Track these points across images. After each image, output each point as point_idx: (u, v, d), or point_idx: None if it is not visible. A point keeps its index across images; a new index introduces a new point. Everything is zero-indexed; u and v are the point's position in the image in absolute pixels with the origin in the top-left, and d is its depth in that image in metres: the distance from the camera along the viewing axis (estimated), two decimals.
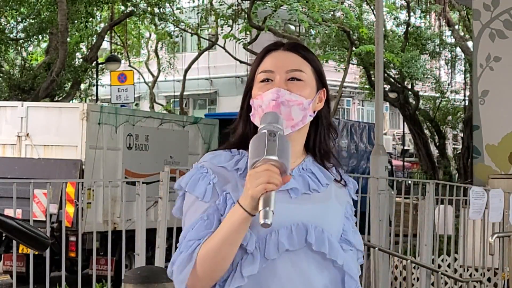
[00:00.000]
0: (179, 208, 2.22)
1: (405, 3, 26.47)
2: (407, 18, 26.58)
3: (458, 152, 30.09)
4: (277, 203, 2.04)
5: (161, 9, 22.52)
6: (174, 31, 27.24)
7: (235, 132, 2.29)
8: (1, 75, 19.59)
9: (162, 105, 32.53)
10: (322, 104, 2.29)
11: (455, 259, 9.19)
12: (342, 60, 26.72)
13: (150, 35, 31.16)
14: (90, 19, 20.45)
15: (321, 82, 2.32)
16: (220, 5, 22.97)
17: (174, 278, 2.11)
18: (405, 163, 34.23)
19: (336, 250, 2.18)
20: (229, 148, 2.25)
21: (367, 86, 28.38)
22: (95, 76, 21.86)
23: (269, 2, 22.10)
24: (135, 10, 21.35)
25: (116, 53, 26.38)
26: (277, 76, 2.21)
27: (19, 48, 21.41)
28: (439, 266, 8.83)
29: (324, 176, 2.26)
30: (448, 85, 31.48)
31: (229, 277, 2.11)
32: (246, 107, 2.26)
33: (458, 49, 28.94)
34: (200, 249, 2.07)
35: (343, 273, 2.19)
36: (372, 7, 23.74)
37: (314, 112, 2.25)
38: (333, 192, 2.27)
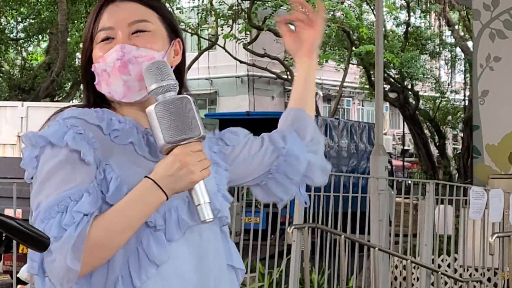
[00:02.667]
0: (32, 160, 1.74)
1: (405, 3, 26.47)
2: (407, 18, 26.58)
3: (458, 152, 30.08)
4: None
5: None
6: None
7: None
8: (1, 75, 19.59)
9: None
10: (179, 58, 1.94)
11: (455, 259, 9.19)
12: (342, 60, 26.72)
13: None
14: None
15: (173, 32, 1.92)
16: (220, 5, 22.98)
17: (56, 265, 1.67)
18: (405, 163, 34.22)
19: (224, 205, 1.90)
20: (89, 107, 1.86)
21: (367, 86, 28.38)
22: None
23: (269, 2, 22.11)
24: None
25: None
26: (119, 31, 1.84)
27: (19, 48, 21.43)
28: (439, 266, 8.83)
29: None
30: (448, 85, 31.48)
31: (136, 267, 1.74)
32: (88, 76, 1.87)
33: (458, 49, 28.95)
34: (92, 228, 1.68)
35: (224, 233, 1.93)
36: (372, 7, 23.74)
37: (171, 67, 1.85)
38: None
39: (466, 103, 26.33)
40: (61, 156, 1.73)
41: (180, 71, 1.94)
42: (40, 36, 21.00)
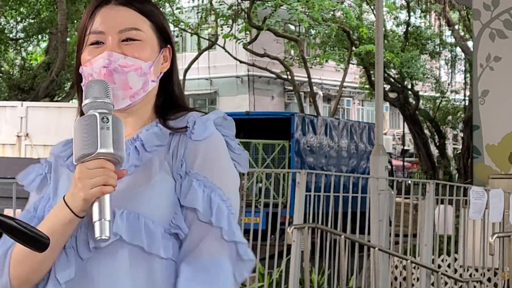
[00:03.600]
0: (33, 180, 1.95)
1: (405, 3, 26.47)
2: (407, 18, 26.59)
3: (458, 152, 30.08)
4: None
5: (161, 9, 22.49)
6: (174, 31, 27.20)
7: None
8: (1, 75, 19.59)
9: None
10: (168, 64, 1.90)
11: (455, 259, 9.18)
12: (342, 60, 26.73)
13: None
14: None
15: (164, 39, 1.90)
16: (220, 5, 22.98)
17: None
18: (405, 163, 34.22)
19: (158, 240, 1.73)
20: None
21: (367, 86, 28.38)
22: None
23: (269, 2, 22.10)
24: None
25: None
26: (109, 37, 1.83)
27: (19, 48, 21.41)
28: (439, 266, 8.82)
29: (155, 138, 1.81)
30: (448, 85, 31.49)
31: (44, 283, 1.78)
32: (80, 76, 1.87)
33: (458, 49, 28.95)
34: (14, 247, 1.75)
35: (174, 265, 1.75)
36: (372, 7, 23.74)
37: (160, 73, 1.88)
38: (170, 153, 1.80)
39: (466, 103, 26.33)
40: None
41: (169, 77, 1.92)
42: (39, 36, 20.99)
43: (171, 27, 26.46)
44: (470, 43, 23.46)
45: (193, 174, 1.78)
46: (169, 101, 1.91)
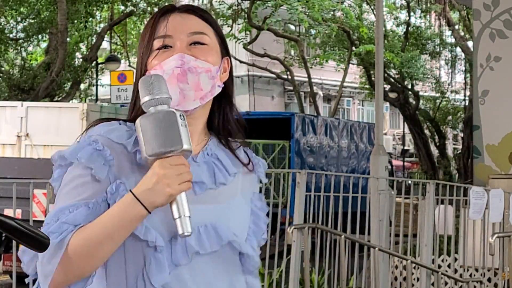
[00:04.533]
0: (58, 178, 1.83)
1: (405, 3, 26.48)
2: (407, 18, 26.59)
3: (458, 152, 30.09)
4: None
5: None
6: None
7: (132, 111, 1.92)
8: (1, 75, 19.59)
9: None
10: (227, 75, 1.95)
11: (455, 259, 9.18)
12: (342, 60, 26.73)
13: None
14: (90, 19, 20.46)
15: (224, 48, 1.96)
16: (220, 5, 22.98)
17: (39, 269, 1.74)
18: (405, 163, 34.23)
19: (245, 242, 1.90)
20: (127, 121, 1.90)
21: (367, 86, 28.39)
22: (95, 76, 21.87)
23: (269, 2, 22.10)
24: (135, 10, 21.35)
25: (116, 53, 26.38)
26: (177, 41, 1.86)
27: (19, 48, 21.41)
28: (439, 266, 8.82)
29: (231, 163, 1.92)
30: (448, 85, 31.50)
31: (134, 283, 1.78)
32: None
33: (458, 49, 28.96)
34: (73, 237, 1.72)
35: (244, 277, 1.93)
36: (372, 7, 23.74)
37: (222, 83, 1.93)
38: (240, 183, 1.94)
39: (466, 103, 26.34)
40: (76, 172, 1.79)
41: (228, 87, 1.96)
42: (39, 36, 20.99)
43: None
44: (470, 43, 23.47)
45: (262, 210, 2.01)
46: (226, 116, 1.97)
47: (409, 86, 26.88)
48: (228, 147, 1.93)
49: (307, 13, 21.18)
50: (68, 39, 18.52)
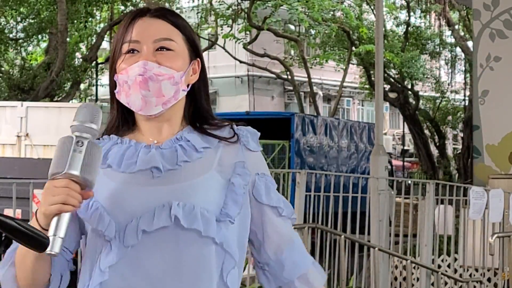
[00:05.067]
0: None
1: (405, 3, 26.47)
2: (407, 18, 26.59)
3: (458, 152, 30.08)
4: (138, 185, 1.88)
5: None
6: None
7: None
8: (1, 75, 19.59)
9: None
10: (197, 76, 2.02)
11: (455, 259, 9.18)
12: (342, 60, 26.72)
13: None
14: (90, 19, 20.46)
15: (194, 52, 2.03)
16: (220, 5, 22.98)
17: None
18: (405, 163, 34.22)
19: (214, 226, 1.88)
20: (105, 134, 2.02)
21: (367, 86, 28.38)
22: (94, 76, 21.87)
23: (269, 2, 22.10)
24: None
25: None
26: (144, 46, 1.95)
27: (19, 48, 21.41)
28: (439, 266, 8.82)
29: (202, 141, 1.98)
30: (448, 85, 31.49)
31: (92, 272, 1.89)
32: (113, 84, 2.00)
33: (458, 49, 28.95)
34: (18, 247, 1.88)
35: (223, 253, 1.91)
36: (372, 7, 23.74)
37: (188, 85, 1.99)
38: (217, 158, 1.97)
39: (466, 103, 26.33)
40: None
41: (197, 89, 2.03)
42: (39, 36, 20.99)
43: None
44: (470, 43, 23.47)
45: (263, 175, 2.01)
46: (198, 112, 2.03)
47: (409, 86, 26.87)
48: (200, 129, 2.00)
49: (307, 13, 21.17)
50: (68, 39, 18.52)
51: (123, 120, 2.02)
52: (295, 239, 2.05)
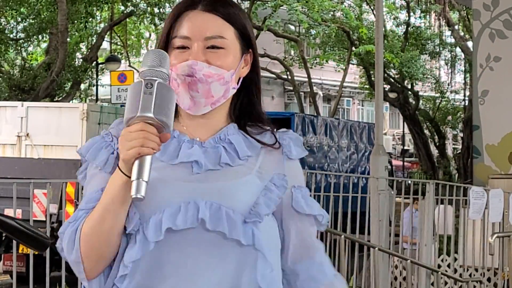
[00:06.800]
0: (82, 171, 1.94)
1: (405, 3, 26.47)
2: (407, 18, 26.59)
3: (458, 152, 30.09)
4: (174, 178, 1.83)
5: (161, 9, 22.53)
6: None
7: None
8: (1, 75, 19.59)
9: None
10: (248, 69, 1.96)
11: (455, 259, 9.19)
12: (342, 60, 26.72)
13: (150, 35, 31.17)
14: (90, 19, 20.46)
15: (246, 43, 1.96)
16: None
17: (68, 260, 1.86)
18: (405, 163, 34.23)
19: (239, 227, 1.82)
20: None
21: (367, 86, 28.39)
22: (95, 76, 21.86)
23: (269, 2, 22.10)
24: (135, 10, 21.35)
25: (116, 53, 26.37)
26: (195, 44, 1.89)
27: (19, 48, 21.41)
28: (439, 266, 8.83)
29: (246, 147, 1.91)
30: (448, 85, 31.49)
31: (115, 266, 1.84)
32: None
33: (458, 49, 28.95)
34: (84, 223, 1.81)
35: (255, 253, 1.83)
36: (372, 7, 23.74)
37: (239, 80, 1.94)
38: (258, 164, 1.92)
39: (466, 103, 26.33)
40: (90, 167, 1.91)
41: (249, 81, 1.97)
42: (40, 36, 20.98)
43: None
44: (470, 43, 23.47)
45: (299, 188, 1.98)
46: (246, 107, 1.98)
47: (409, 86, 26.87)
48: (244, 130, 1.94)
49: (307, 13, 21.18)
50: (68, 39, 18.52)
51: None
52: (317, 252, 1.99)
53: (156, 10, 22.36)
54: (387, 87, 25.29)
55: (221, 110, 1.94)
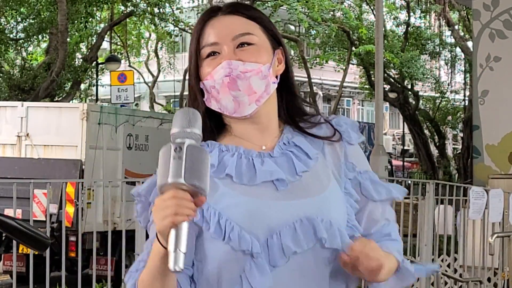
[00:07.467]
0: (141, 213, 1.87)
1: (405, 3, 26.46)
2: (407, 18, 26.58)
3: (458, 152, 30.07)
4: (268, 198, 1.78)
5: (161, 9, 22.53)
6: (173, 30, 27.21)
7: None
8: (1, 75, 19.58)
9: (162, 105, 32.52)
10: (283, 66, 1.93)
11: (455, 259, 9.19)
12: (342, 60, 26.72)
13: (150, 35, 31.18)
14: (90, 19, 20.45)
15: (275, 41, 1.94)
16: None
17: None
18: (405, 163, 34.22)
19: (348, 242, 1.80)
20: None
21: (367, 86, 28.38)
22: (95, 76, 21.86)
23: (269, 2, 22.10)
24: (135, 10, 21.34)
25: (116, 53, 26.38)
26: (224, 46, 1.85)
27: (19, 48, 21.41)
28: (439, 266, 8.83)
29: (311, 146, 1.89)
30: (448, 85, 31.48)
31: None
32: (197, 91, 1.89)
33: (458, 49, 28.93)
34: (139, 277, 1.78)
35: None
36: (372, 7, 23.74)
37: (276, 77, 1.90)
38: (328, 162, 1.90)
39: (466, 103, 26.32)
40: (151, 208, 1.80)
41: (286, 78, 1.94)
42: (40, 36, 20.97)
43: (171, 27, 26.56)
44: (470, 43, 23.46)
45: (366, 173, 1.92)
46: (291, 106, 1.94)
47: (409, 86, 26.86)
48: (302, 130, 1.91)
49: (307, 13, 21.18)
50: (68, 39, 18.51)
51: (213, 128, 1.90)
52: (386, 225, 1.95)
53: (156, 10, 22.35)
54: (387, 87, 25.29)
55: (269, 112, 1.90)
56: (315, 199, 1.82)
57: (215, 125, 1.91)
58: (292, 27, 27.51)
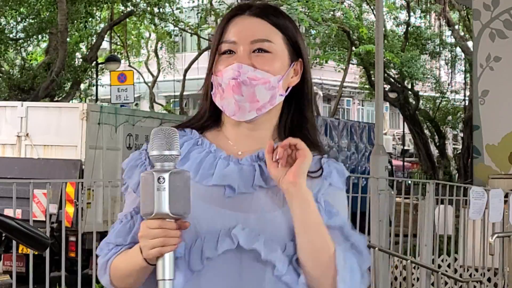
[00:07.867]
0: (126, 185, 1.93)
1: (405, 3, 26.47)
2: (407, 18, 26.58)
3: (458, 152, 30.08)
4: (209, 203, 1.78)
5: (161, 9, 22.53)
6: (173, 30, 27.22)
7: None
8: (1, 75, 19.59)
9: (162, 105, 32.52)
10: (297, 79, 1.90)
11: (455, 259, 9.18)
12: (342, 60, 26.72)
13: (150, 35, 31.17)
14: (90, 19, 20.45)
15: (296, 52, 1.90)
16: (220, 5, 22.98)
17: (99, 279, 1.90)
18: (405, 163, 34.21)
19: (276, 252, 1.78)
20: (183, 126, 1.92)
21: (367, 86, 28.39)
22: (95, 76, 21.85)
23: (268, 2, 22.08)
24: (135, 10, 21.34)
25: (116, 53, 26.37)
26: (241, 47, 1.85)
27: (19, 48, 21.40)
28: (439, 266, 8.82)
29: None
30: (448, 85, 31.48)
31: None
32: (208, 83, 1.92)
33: (458, 49, 28.94)
34: (113, 261, 1.84)
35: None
36: (372, 7, 23.74)
37: (287, 89, 1.87)
38: None
39: (466, 103, 26.32)
40: (127, 189, 1.91)
41: (300, 92, 1.91)
42: (39, 36, 20.96)
43: (171, 27, 26.57)
44: (470, 43, 23.46)
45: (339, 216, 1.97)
46: (298, 121, 1.91)
47: (409, 86, 26.87)
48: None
49: (307, 13, 21.18)
50: (68, 39, 18.52)
51: (212, 121, 1.92)
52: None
53: (156, 10, 22.35)
54: (387, 87, 25.28)
55: (268, 123, 1.89)
56: (258, 215, 1.80)
57: (215, 118, 1.93)
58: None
